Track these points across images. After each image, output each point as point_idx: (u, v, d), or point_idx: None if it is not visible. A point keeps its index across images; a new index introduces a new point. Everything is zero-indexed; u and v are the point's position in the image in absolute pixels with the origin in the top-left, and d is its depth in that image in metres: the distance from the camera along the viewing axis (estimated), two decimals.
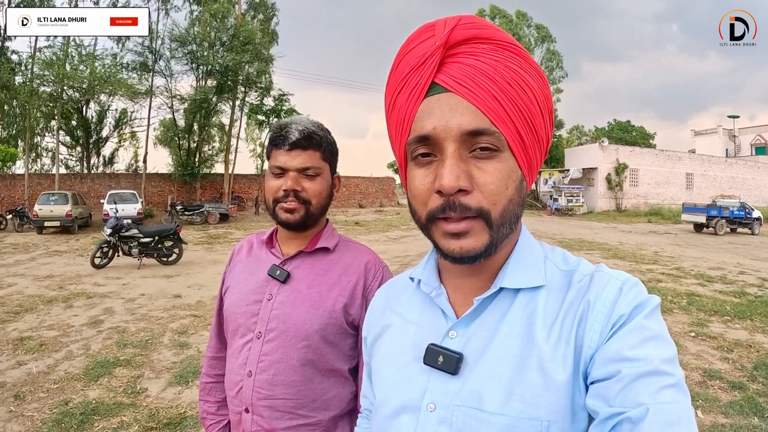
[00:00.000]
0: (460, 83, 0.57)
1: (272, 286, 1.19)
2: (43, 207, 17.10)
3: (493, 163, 0.58)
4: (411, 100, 0.60)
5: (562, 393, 0.56)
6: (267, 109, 29.33)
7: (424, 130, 0.58)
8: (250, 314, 1.18)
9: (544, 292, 0.63)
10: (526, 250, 0.67)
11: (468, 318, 0.65)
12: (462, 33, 0.58)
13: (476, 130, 0.57)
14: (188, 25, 25.69)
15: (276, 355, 1.14)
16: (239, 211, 26.57)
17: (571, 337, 0.58)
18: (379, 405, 0.70)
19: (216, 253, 12.75)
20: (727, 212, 19.90)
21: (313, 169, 1.16)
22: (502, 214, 0.59)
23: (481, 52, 0.58)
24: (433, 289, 0.70)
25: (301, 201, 1.16)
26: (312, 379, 1.15)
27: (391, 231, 18.74)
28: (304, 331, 1.14)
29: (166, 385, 4.15)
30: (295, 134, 1.14)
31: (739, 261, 11.82)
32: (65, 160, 29.20)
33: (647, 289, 0.59)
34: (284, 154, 1.15)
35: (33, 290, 7.90)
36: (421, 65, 0.58)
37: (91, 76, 21.88)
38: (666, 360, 0.52)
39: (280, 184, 1.16)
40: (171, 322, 6.08)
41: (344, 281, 1.19)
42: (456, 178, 0.56)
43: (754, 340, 5.40)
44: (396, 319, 0.76)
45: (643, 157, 34.08)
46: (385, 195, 36.41)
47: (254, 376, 1.14)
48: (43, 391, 3.95)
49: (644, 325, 0.55)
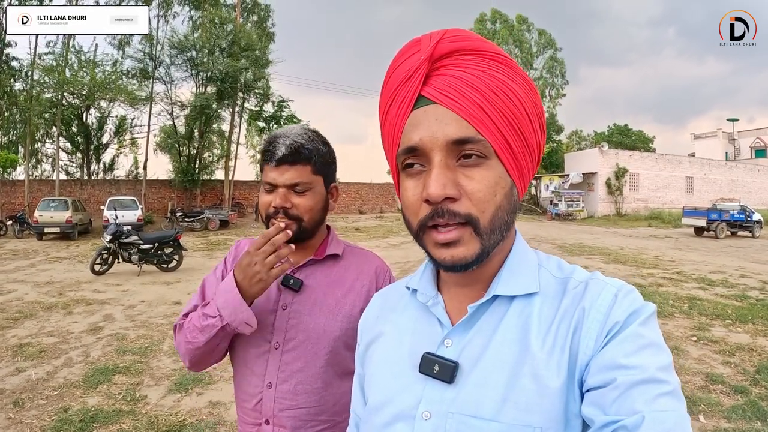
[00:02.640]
0: (444, 95, 0.58)
1: (286, 295, 1.17)
2: (44, 213, 17.15)
3: (480, 170, 0.58)
4: (399, 113, 0.61)
5: (556, 400, 0.56)
6: (267, 116, 29.40)
7: (412, 142, 0.59)
8: (264, 325, 1.15)
9: (539, 300, 0.63)
10: (520, 257, 0.67)
11: (463, 326, 0.65)
12: (447, 46, 0.59)
13: (461, 139, 0.57)
14: (187, 32, 25.82)
15: (298, 364, 1.13)
16: (239, 217, 26.57)
17: (566, 344, 0.58)
18: (374, 413, 0.70)
19: (216, 259, 12.74)
20: (727, 215, 19.90)
21: (303, 185, 1.14)
22: (491, 221, 0.59)
23: (466, 64, 0.59)
24: (429, 298, 0.70)
25: (291, 217, 1.14)
26: (332, 383, 1.15)
27: (392, 237, 18.74)
28: (326, 339, 1.14)
29: (166, 392, 4.13)
30: (282, 149, 1.11)
31: (740, 264, 11.81)
32: (65, 167, 29.27)
33: (648, 293, 0.59)
34: (273, 170, 1.13)
35: (33, 296, 7.89)
36: (408, 79, 0.60)
37: (91, 82, 21.97)
38: (661, 368, 0.52)
39: (270, 200, 1.14)
40: (171, 329, 6.05)
41: (358, 286, 1.20)
42: (442, 186, 0.56)
43: (756, 344, 5.38)
44: (389, 327, 0.76)
45: (643, 161, 34.11)
46: (385, 201, 36.40)
47: (275, 387, 1.13)
48: (43, 398, 3.94)
49: (639, 332, 0.55)
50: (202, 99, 24.91)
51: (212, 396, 4.04)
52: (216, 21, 25.31)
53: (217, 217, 22.21)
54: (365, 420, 0.73)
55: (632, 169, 32.86)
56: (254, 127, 30.62)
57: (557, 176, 33.44)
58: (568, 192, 30.94)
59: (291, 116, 29.46)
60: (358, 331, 0.85)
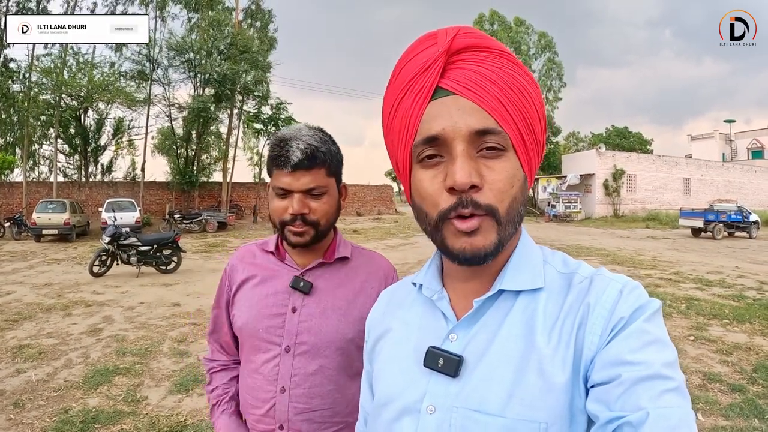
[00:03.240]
0: (465, 87, 0.59)
1: (295, 298, 1.16)
2: (41, 215, 17.11)
3: (500, 162, 0.59)
4: (416, 103, 0.61)
5: (562, 396, 0.56)
6: (265, 118, 29.37)
7: (433, 131, 0.59)
8: (273, 328, 1.14)
9: (544, 295, 0.64)
10: (526, 253, 0.68)
11: (468, 321, 0.65)
12: (463, 41, 0.60)
13: (484, 129, 0.58)
14: (186, 33, 25.79)
15: (311, 367, 1.12)
16: (237, 219, 26.51)
17: (571, 340, 0.58)
18: (381, 408, 0.71)
19: (214, 261, 12.74)
20: (724, 216, 19.94)
21: (319, 189, 1.11)
22: (508, 211, 0.60)
23: (482, 59, 0.60)
24: (435, 292, 0.71)
25: (309, 223, 1.12)
26: (344, 385, 1.15)
27: (390, 239, 18.74)
28: (338, 341, 1.13)
29: (167, 393, 4.14)
30: (297, 154, 1.07)
31: (737, 265, 11.84)
32: (63, 168, 29.14)
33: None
34: (287, 176, 1.09)
35: (31, 298, 7.88)
36: (426, 70, 0.60)
37: (89, 83, 21.93)
38: (666, 364, 0.52)
39: (285, 205, 1.11)
40: (170, 330, 6.07)
41: (368, 288, 1.19)
42: (468, 174, 0.57)
43: (753, 343, 5.41)
44: (396, 323, 0.76)
45: (640, 163, 34.16)
46: (383, 203, 36.37)
47: (288, 392, 1.12)
48: (43, 399, 3.94)
49: (645, 328, 0.55)
50: (200, 101, 24.88)
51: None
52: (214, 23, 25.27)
53: (215, 219, 22.20)
54: (373, 415, 0.74)
55: (629, 170, 32.91)
56: (251, 129, 30.57)
57: (555, 178, 33.48)
58: (565, 193, 30.99)
59: (289, 118, 29.41)
60: (366, 329, 0.85)
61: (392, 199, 37.95)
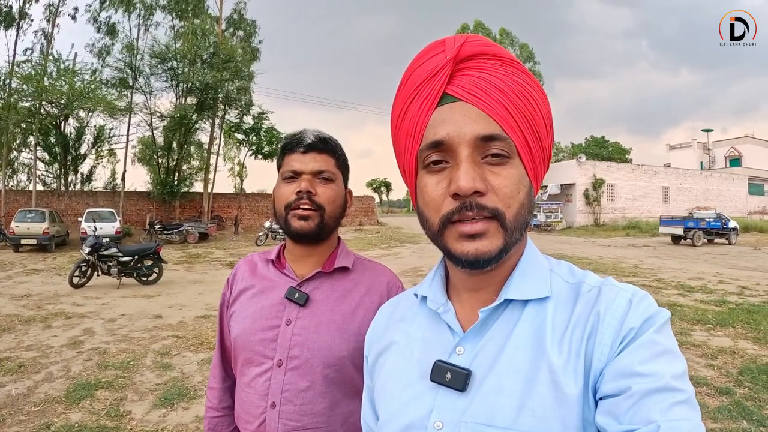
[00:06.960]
0: (471, 93, 0.59)
1: (290, 310, 1.12)
2: (20, 224, 16.78)
3: (505, 168, 0.59)
4: (423, 109, 0.61)
5: (574, 408, 0.55)
6: (246, 128, 29.23)
7: (438, 136, 0.60)
8: (266, 341, 1.10)
9: (552, 305, 0.63)
10: (532, 262, 0.67)
11: (475, 333, 0.64)
12: (470, 49, 0.61)
13: (489, 135, 0.58)
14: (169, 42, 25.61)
15: (302, 383, 1.08)
16: (219, 230, 26.29)
17: (581, 350, 0.57)
18: (384, 425, 0.69)
19: (196, 272, 12.57)
20: (703, 224, 20.35)
21: (328, 173, 1.13)
22: (515, 217, 0.60)
23: (490, 67, 0.60)
24: (440, 305, 0.69)
25: (315, 206, 1.10)
26: (339, 403, 1.09)
27: (372, 250, 18.68)
28: (332, 357, 1.08)
29: (151, 407, 4.04)
30: (311, 137, 1.13)
31: (717, 270, 12.06)
32: (43, 177, 28.56)
33: None
34: (299, 158, 1.12)
35: (10, 309, 7.69)
36: (433, 76, 0.61)
37: (69, 91, 21.61)
38: (676, 376, 0.52)
39: (293, 188, 1.11)
40: (153, 342, 5.95)
41: (367, 302, 1.13)
42: (472, 179, 0.57)
43: (738, 347, 5.49)
44: (400, 336, 0.75)
45: (620, 172, 34.68)
46: (364, 214, 36.32)
47: (279, 407, 1.07)
48: (24, 414, 3.82)
49: (655, 339, 0.54)
50: (181, 110, 24.67)
51: (198, 410, 3.96)
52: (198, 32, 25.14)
53: (196, 230, 21.91)
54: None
55: (609, 179, 33.37)
56: (232, 139, 30.38)
57: None
58: (546, 203, 31.27)
59: (270, 128, 29.31)
60: (366, 343, 0.83)
61: (374, 210, 37.94)
